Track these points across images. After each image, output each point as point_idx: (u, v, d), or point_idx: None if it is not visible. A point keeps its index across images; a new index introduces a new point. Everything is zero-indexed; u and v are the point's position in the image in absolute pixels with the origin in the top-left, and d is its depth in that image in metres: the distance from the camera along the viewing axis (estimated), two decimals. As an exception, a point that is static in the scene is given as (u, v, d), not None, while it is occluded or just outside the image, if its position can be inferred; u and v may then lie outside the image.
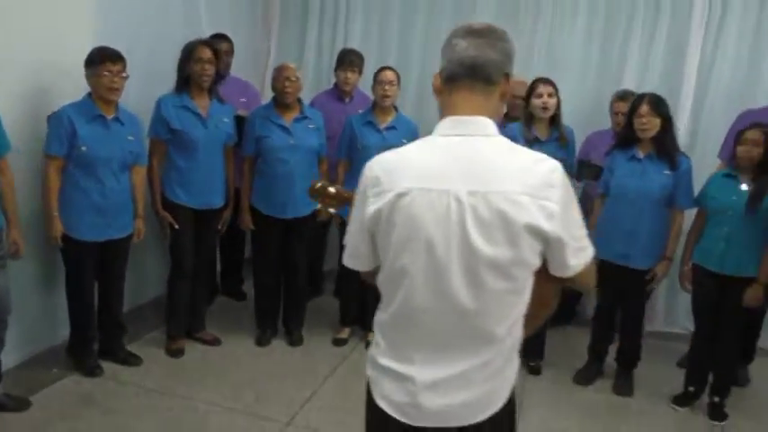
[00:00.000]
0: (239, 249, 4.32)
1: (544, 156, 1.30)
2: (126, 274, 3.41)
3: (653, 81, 4.08)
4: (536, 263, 1.29)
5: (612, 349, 3.50)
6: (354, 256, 1.43)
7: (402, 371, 1.34)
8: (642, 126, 3.10)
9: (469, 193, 1.23)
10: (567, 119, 3.89)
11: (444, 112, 1.36)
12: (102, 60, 2.82)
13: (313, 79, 4.79)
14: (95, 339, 3.21)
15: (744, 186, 2.98)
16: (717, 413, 3.15)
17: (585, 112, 4.20)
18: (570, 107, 4.21)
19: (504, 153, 1.30)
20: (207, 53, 3.20)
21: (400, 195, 1.27)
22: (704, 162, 3.82)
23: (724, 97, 3.96)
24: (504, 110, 4.06)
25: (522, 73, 4.11)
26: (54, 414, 2.76)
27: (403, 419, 1.35)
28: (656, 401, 3.31)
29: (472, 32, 1.32)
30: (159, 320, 3.61)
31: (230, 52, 4.00)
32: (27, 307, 3.16)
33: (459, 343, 1.31)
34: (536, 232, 1.23)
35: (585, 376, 3.49)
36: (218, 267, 4.38)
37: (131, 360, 3.26)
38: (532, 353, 3.59)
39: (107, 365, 3.20)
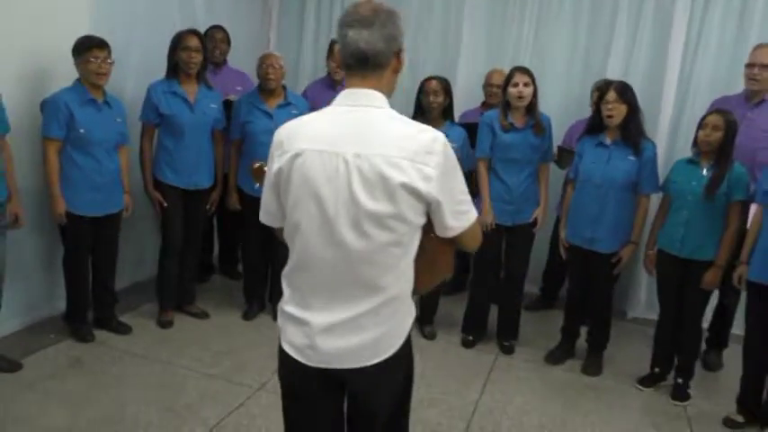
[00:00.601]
0: (235, 232, 4.52)
1: (429, 127, 1.45)
2: (126, 252, 3.65)
3: (637, 71, 4.16)
4: (417, 220, 1.44)
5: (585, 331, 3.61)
6: (267, 213, 1.59)
7: (301, 316, 1.50)
8: (609, 112, 3.18)
9: (355, 155, 1.39)
10: (553, 108, 4.01)
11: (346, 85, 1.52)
12: (89, 48, 3.04)
13: (311, 68, 4.97)
14: (89, 309, 3.46)
15: (705, 172, 3.04)
16: (679, 394, 3.23)
17: (571, 102, 4.30)
18: (556, 97, 4.35)
19: (390, 122, 1.45)
20: (194, 41, 3.39)
21: (296, 156, 1.43)
22: (687, 150, 3.87)
23: (707, 86, 4.01)
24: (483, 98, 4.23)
25: (510, 64, 4.23)
26: (44, 374, 3.00)
27: (303, 360, 1.51)
28: (623, 382, 3.40)
29: (359, 21, 1.43)
30: (154, 295, 3.82)
31: (225, 41, 4.19)
32: (30, 278, 3.44)
33: (349, 291, 1.46)
34: (413, 192, 1.38)
35: (556, 356, 3.60)
36: (216, 249, 4.62)
37: (122, 329, 3.49)
38: (506, 333, 3.72)
39: (100, 333, 3.44)
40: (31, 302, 3.46)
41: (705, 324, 3.81)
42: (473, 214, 1.51)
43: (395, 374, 1.57)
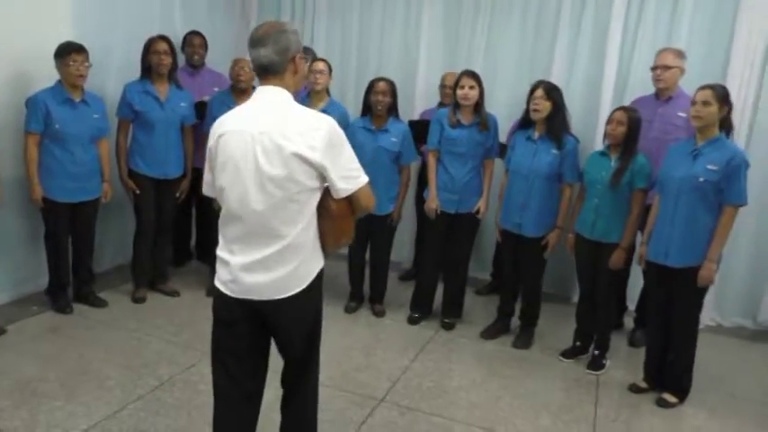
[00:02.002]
0: (210, 220, 4.90)
1: (319, 113, 1.91)
2: (109, 238, 4.04)
3: (578, 74, 4.50)
4: (310, 183, 1.86)
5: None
6: (208, 186, 2.03)
7: (227, 258, 1.95)
8: (535, 106, 3.53)
9: (260, 133, 1.83)
10: (501, 107, 4.36)
11: None
12: (69, 52, 3.45)
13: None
14: (69, 284, 3.87)
15: (613, 163, 3.38)
16: (595, 364, 3.56)
17: (518, 103, 4.59)
18: (504, 98, 4.69)
19: (288, 109, 1.89)
20: (162, 46, 3.81)
21: (221, 136, 1.90)
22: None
23: (640, 88, 4.30)
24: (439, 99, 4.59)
25: (464, 68, 4.59)
26: (26, 337, 3.43)
27: (228, 293, 1.95)
28: (549, 355, 3.73)
29: (256, 41, 1.90)
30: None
31: (203, 46, 4.61)
32: (17, 257, 3.87)
33: (259, 238, 1.89)
34: (302, 159, 1.81)
35: (491, 332, 3.94)
36: (194, 237, 5.03)
37: (98, 303, 3.90)
38: (449, 312, 4.07)
39: (78, 306, 3.85)
40: (17, 279, 3.88)
41: (632, 305, 4.16)
42: (363, 180, 1.93)
43: (303, 308, 1.99)
